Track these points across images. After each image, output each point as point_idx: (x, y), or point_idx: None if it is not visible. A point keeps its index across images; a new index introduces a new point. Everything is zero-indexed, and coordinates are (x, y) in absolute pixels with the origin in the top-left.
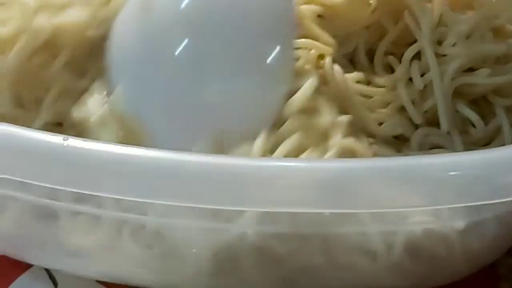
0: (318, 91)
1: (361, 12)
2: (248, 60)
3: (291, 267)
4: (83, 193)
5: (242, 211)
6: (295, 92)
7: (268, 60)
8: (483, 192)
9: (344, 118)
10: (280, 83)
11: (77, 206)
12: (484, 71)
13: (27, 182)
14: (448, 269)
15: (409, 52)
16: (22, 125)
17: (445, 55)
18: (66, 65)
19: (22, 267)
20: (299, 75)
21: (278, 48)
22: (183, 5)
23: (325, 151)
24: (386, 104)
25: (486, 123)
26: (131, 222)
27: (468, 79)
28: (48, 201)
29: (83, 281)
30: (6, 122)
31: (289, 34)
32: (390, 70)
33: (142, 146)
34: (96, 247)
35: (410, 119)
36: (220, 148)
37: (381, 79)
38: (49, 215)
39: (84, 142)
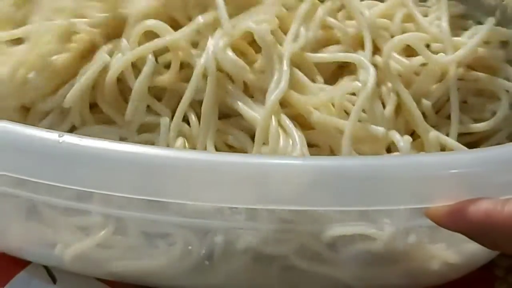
0: None
1: None
2: None
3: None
4: (78, 189)
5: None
6: None
7: None
8: (482, 190)
9: None
10: None
11: (72, 203)
12: None
13: (24, 179)
14: (444, 267)
15: None
16: None
17: None
18: None
19: (21, 264)
20: None
21: None
22: None
23: None
24: None
25: None
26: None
27: None
28: (46, 198)
29: (82, 278)
30: None
31: None
32: None
33: None
34: (93, 244)
35: None
36: None
37: None
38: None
39: (79, 138)
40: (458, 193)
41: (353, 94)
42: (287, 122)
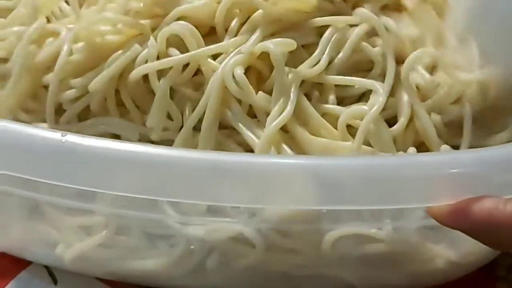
0: None
1: None
2: None
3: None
4: (81, 189)
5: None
6: None
7: None
8: (482, 190)
9: None
10: None
11: (75, 202)
12: None
13: (26, 178)
14: (446, 267)
15: None
16: None
17: None
18: None
19: (22, 264)
20: None
21: None
22: None
23: None
24: None
25: None
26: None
27: None
28: (48, 197)
29: (82, 278)
30: None
31: None
32: None
33: None
34: (94, 244)
35: None
36: None
37: None
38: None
39: (82, 138)
40: (458, 193)
41: None
42: (288, 151)
